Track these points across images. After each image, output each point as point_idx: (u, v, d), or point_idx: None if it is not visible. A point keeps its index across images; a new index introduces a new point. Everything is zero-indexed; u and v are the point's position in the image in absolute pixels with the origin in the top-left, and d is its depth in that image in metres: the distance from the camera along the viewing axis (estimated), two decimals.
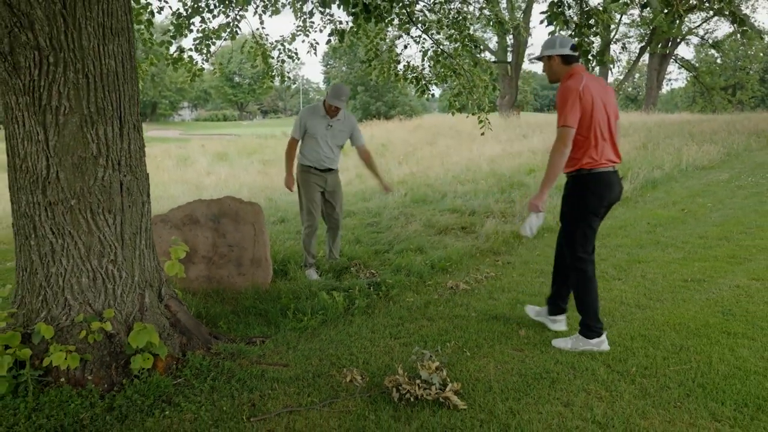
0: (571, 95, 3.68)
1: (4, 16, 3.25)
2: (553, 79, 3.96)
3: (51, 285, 3.57)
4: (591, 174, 3.79)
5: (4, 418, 3.15)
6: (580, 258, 3.93)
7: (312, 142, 5.73)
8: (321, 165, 5.78)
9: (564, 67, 3.89)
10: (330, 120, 5.73)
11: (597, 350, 3.89)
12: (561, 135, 3.70)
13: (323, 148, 5.74)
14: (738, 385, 3.36)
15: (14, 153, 3.50)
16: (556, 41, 3.90)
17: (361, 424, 3.07)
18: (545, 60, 3.96)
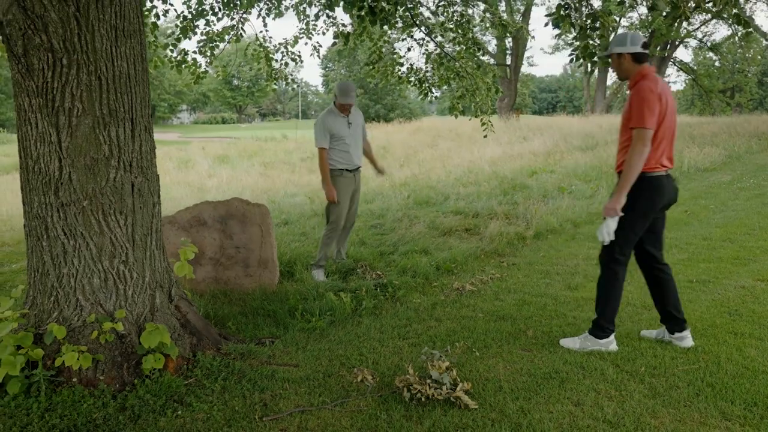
0: (651, 96, 3.62)
1: (18, 19, 3.27)
2: (621, 76, 3.89)
3: (63, 286, 3.59)
4: (645, 177, 3.72)
5: (18, 418, 3.17)
6: (617, 259, 3.88)
7: (340, 145, 5.74)
8: (353, 165, 5.83)
9: (634, 65, 3.80)
10: (348, 118, 5.77)
11: (605, 350, 3.89)
12: (641, 136, 3.62)
13: (352, 147, 5.78)
14: (747, 384, 3.38)
15: (27, 154, 3.52)
16: (627, 38, 3.81)
17: (373, 423, 3.09)
18: (614, 57, 3.87)
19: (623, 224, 3.78)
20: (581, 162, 12.87)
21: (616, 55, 3.84)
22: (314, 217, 8.38)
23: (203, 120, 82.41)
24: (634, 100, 3.67)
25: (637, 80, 3.75)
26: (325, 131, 5.70)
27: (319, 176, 5.96)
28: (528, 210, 8.23)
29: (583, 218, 8.17)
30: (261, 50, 8.72)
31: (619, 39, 3.84)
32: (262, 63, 8.81)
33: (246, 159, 19.41)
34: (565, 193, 9.49)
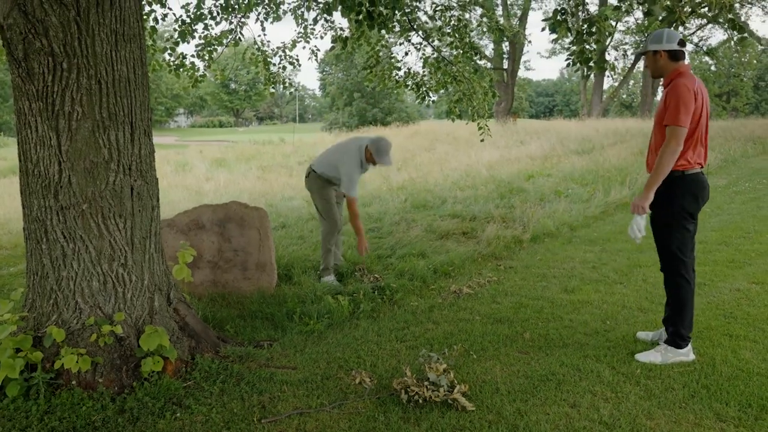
0: (688, 95, 3.58)
1: (19, 23, 3.29)
2: (656, 74, 3.83)
3: (62, 289, 3.60)
4: (684, 176, 3.68)
5: (17, 421, 3.18)
6: (683, 262, 3.79)
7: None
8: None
9: (671, 63, 3.74)
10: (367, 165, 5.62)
11: (686, 360, 3.79)
12: (675, 134, 3.58)
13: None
14: (741, 386, 3.41)
15: (26, 158, 3.54)
16: (663, 35, 3.76)
17: (371, 425, 3.11)
18: (650, 54, 3.80)
19: (674, 228, 3.75)
20: (578, 166, 12.91)
21: (651, 53, 3.78)
22: (311, 220, 8.40)
23: (200, 123, 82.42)
24: (670, 98, 3.63)
25: (673, 77, 3.71)
26: (357, 179, 5.54)
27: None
28: (525, 213, 8.25)
29: (580, 222, 8.20)
30: (259, 54, 8.75)
31: (655, 36, 3.78)
32: (260, 67, 8.83)
33: (243, 162, 19.43)
34: (562, 197, 9.52)
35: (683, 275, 3.80)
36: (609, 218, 8.47)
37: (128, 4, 3.56)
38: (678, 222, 3.73)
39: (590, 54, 4.77)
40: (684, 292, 3.80)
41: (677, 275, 3.81)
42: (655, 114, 3.86)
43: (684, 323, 3.80)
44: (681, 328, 3.80)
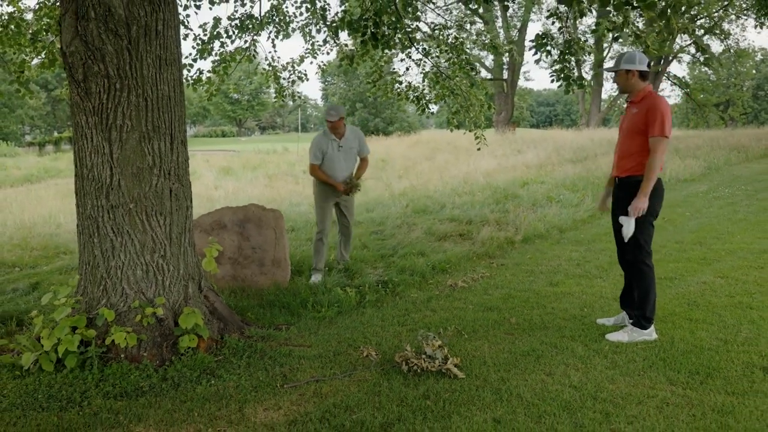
0: (668, 109, 4.08)
1: (80, 50, 3.91)
2: (625, 90, 4.31)
3: (111, 276, 4.20)
4: (658, 181, 4.21)
5: (77, 386, 3.77)
6: (648, 252, 4.34)
7: (328, 163, 6.27)
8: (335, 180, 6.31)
9: (640, 82, 4.23)
10: (339, 141, 6.26)
11: (649, 339, 4.31)
12: (662, 144, 4.07)
13: (337, 169, 6.28)
14: (693, 358, 3.99)
15: (82, 164, 4.14)
16: (636, 57, 4.22)
17: (377, 389, 3.69)
18: (623, 73, 4.24)
19: (645, 224, 4.27)
20: (570, 173, 13.52)
21: (624, 71, 4.24)
22: None
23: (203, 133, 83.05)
24: (654, 112, 4.09)
25: (646, 96, 4.22)
26: (318, 150, 6.25)
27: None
28: (518, 217, 8.85)
29: (569, 225, 8.79)
30: (270, 69, 9.38)
31: (629, 57, 4.23)
32: (270, 81, 9.46)
33: (250, 171, 20.06)
34: (553, 202, 10.12)
35: (647, 263, 4.37)
36: (596, 221, 9.06)
37: (170, 34, 4.18)
38: (648, 219, 4.27)
39: (569, 72, 5.38)
40: (649, 278, 4.37)
41: (642, 263, 4.37)
42: (627, 124, 4.33)
43: (649, 307, 4.35)
44: (646, 312, 4.34)
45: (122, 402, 3.60)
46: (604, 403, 3.44)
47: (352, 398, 3.58)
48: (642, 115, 4.19)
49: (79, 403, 3.59)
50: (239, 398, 3.62)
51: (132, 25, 3.95)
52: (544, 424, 3.23)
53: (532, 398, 3.52)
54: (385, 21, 7.18)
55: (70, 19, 3.93)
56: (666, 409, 3.36)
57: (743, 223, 8.61)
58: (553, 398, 3.51)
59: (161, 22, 4.09)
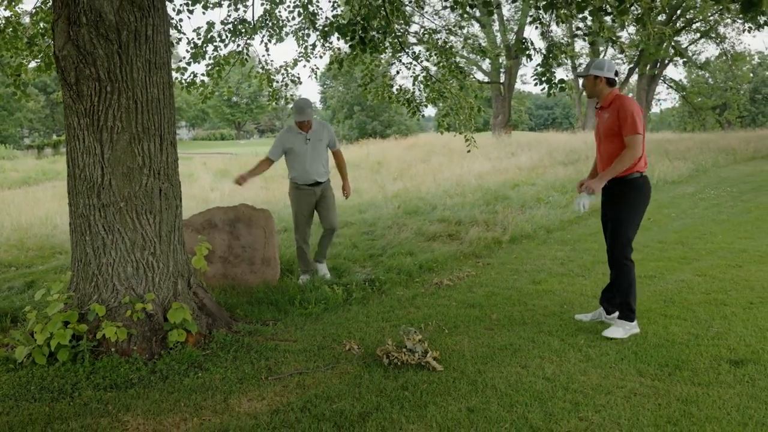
0: (639, 109, 4.30)
1: (72, 54, 4.06)
2: (592, 95, 4.51)
3: (102, 273, 4.34)
4: (643, 177, 4.43)
5: (68, 379, 3.91)
6: (631, 248, 4.55)
7: (296, 159, 6.11)
8: (308, 180, 6.13)
9: (608, 88, 4.44)
10: (306, 134, 6.09)
11: (636, 332, 4.49)
12: (636, 141, 4.25)
13: (307, 163, 6.07)
14: (664, 352, 4.13)
15: (74, 164, 4.29)
16: (605, 65, 4.46)
17: (358, 381, 3.83)
18: (591, 78, 4.46)
19: (629, 222, 4.45)
20: (561, 175, 13.69)
21: (593, 77, 4.46)
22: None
23: (202, 136, 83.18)
24: (624, 113, 4.30)
25: (614, 99, 4.42)
26: (278, 144, 6.19)
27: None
28: (506, 218, 9.00)
29: (556, 225, 8.94)
30: (263, 72, 9.54)
31: (598, 64, 4.47)
32: (264, 84, 9.62)
33: None
34: (542, 203, 10.28)
35: (630, 258, 4.57)
36: (583, 222, 9.20)
37: (159, 38, 4.33)
38: (637, 216, 4.47)
39: (550, 75, 5.54)
40: (632, 272, 4.56)
41: (627, 258, 4.55)
42: (603, 129, 4.51)
43: (632, 298, 4.53)
44: (633, 305, 4.52)
45: (112, 393, 3.73)
46: (574, 393, 3.58)
47: (333, 389, 3.72)
48: (614, 118, 4.37)
49: (70, 394, 3.72)
50: (224, 389, 3.76)
51: (122, 30, 4.10)
52: (515, 412, 3.37)
53: (506, 389, 3.66)
54: (375, 26, 7.34)
55: (63, 24, 4.08)
56: (633, 398, 3.50)
57: (726, 223, 8.77)
58: (526, 389, 3.65)
59: (151, 27, 4.24)
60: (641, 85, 38.71)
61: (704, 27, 37.28)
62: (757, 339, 4.32)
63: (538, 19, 5.79)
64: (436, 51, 8.33)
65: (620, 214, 4.48)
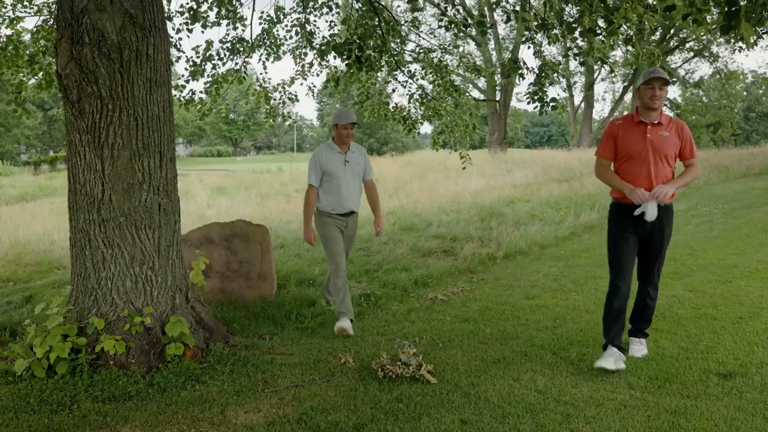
0: None
1: (74, 72, 4.16)
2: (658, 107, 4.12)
3: (101, 287, 4.40)
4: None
5: (67, 391, 3.96)
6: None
7: (331, 185, 5.23)
8: (343, 209, 5.30)
9: None
10: (345, 155, 5.32)
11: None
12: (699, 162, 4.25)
13: (343, 188, 5.25)
14: (654, 365, 4.21)
15: (75, 180, 4.37)
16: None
17: (353, 394, 3.89)
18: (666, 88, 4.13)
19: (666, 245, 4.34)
20: (555, 192, 13.83)
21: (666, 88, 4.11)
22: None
23: (199, 153, 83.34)
24: (689, 134, 4.20)
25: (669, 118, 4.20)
26: (317, 166, 5.25)
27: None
28: (500, 234, 9.09)
29: (550, 241, 9.04)
30: (261, 90, 9.66)
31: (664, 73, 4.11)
32: (261, 102, 9.74)
33: (243, 190, 20.30)
34: (537, 220, 10.38)
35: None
36: (577, 238, 9.31)
37: (160, 57, 4.43)
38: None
39: (543, 94, 5.66)
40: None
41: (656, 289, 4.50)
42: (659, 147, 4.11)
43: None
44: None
45: (110, 405, 3.78)
46: (565, 405, 3.65)
47: (328, 402, 3.78)
48: (675, 138, 4.17)
49: (69, 406, 3.77)
50: (222, 402, 3.82)
51: (124, 50, 4.20)
52: (507, 424, 3.44)
53: (498, 401, 3.72)
54: (371, 45, 7.47)
55: (66, 43, 4.18)
56: (623, 410, 3.57)
57: (718, 240, 8.89)
58: (519, 401, 3.72)
59: (152, 47, 4.34)
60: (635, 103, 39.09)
61: (697, 46, 37.81)
62: (746, 353, 4.40)
63: (532, 39, 5.92)
64: (431, 69, 8.47)
65: (668, 239, 4.36)
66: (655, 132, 4.13)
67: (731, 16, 3.04)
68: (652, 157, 4.11)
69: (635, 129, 4.19)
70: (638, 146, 4.14)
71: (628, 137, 4.19)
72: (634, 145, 4.16)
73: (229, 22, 8.46)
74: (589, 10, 4.44)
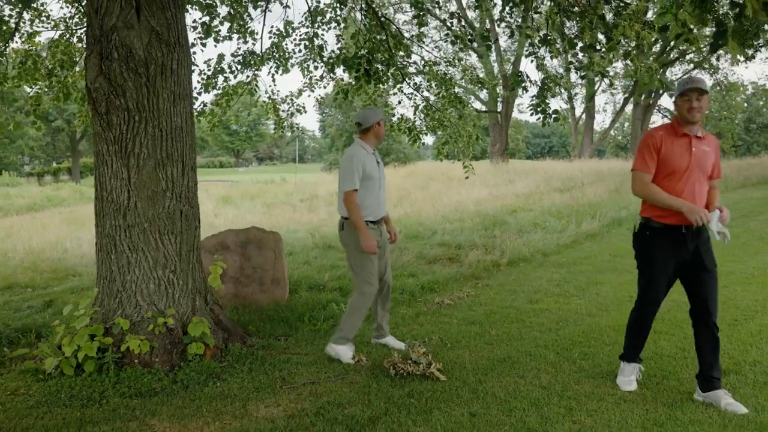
0: None
1: (103, 86, 4.41)
2: (698, 119, 3.77)
3: (126, 290, 4.63)
4: None
5: (95, 388, 4.18)
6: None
7: (367, 189, 4.71)
8: (378, 214, 4.83)
9: None
10: (377, 155, 4.89)
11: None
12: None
13: (380, 191, 4.83)
14: (653, 363, 4.42)
15: (102, 188, 4.61)
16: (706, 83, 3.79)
17: (367, 389, 4.11)
18: (707, 97, 3.75)
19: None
20: (557, 202, 14.07)
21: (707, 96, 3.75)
22: (315, 249, 9.43)
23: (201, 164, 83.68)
24: (717, 151, 3.88)
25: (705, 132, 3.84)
26: (359, 167, 4.64)
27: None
28: (504, 242, 9.32)
29: (552, 249, 9.26)
30: (270, 102, 9.93)
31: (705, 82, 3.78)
32: (270, 113, 10.00)
33: (248, 200, 20.55)
34: (539, 228, 10.61)
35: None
36: (578, 246, 9.53)
37: (183, 72, 4.68)
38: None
39: (546, 106, 5.91)
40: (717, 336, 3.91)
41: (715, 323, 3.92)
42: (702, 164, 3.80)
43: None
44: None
45: (137, 401, 4.00)
46: (569, 400, 3.87)
47: (344, 397, 4.00)
48: (713, 154, 3.87)
49: (98, 401, 4.00)
50: (243, 397, 4.04)
51: (150, 65, 4.45)
52: (514, 416, 3.65)
53: (505, 396, 3.94)
54: (378, 58, 7.73)
55: (95, 59, 4.43)
56: (623, 404, 3.79)
57: (716, 247, 9.02)
58: (524, 396, 3.93)
59: (176, 62, 4.60)
60: (636, 114, 39.33)
61: (697, 58, 38.14)
62: (740, 352, 4.62)
63: (534, 53, 6.17)
64: (436, 82, 8.73)
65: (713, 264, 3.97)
66: (700, 146, 3.79)
67: (719, 35, 3.28)
68: (697, 175, 3.77)
69: (679, 142, 3.79)
70: (683, 161, 3.75)
71: (673, 150, 3.78)
72: (678, 159, 3.76)
73: (240, 36, 8.73)
74: (590, 27, 4.71)
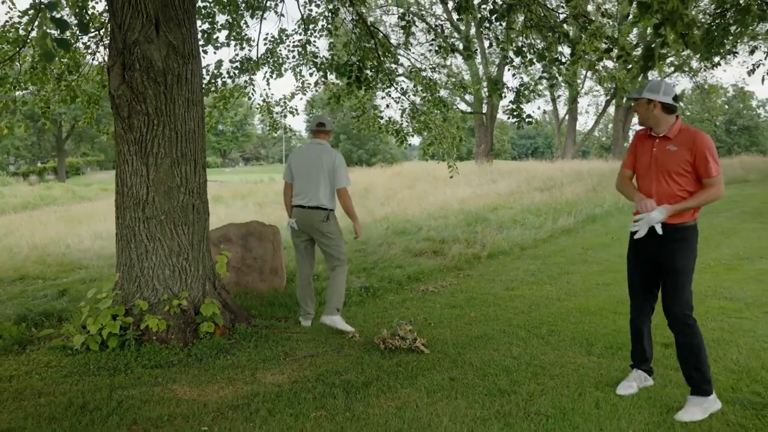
0: (712, 143, 3.69)
1: (126, 93, 4.96)
2: (646, 123, 3.82)
3: (144, 275, 5.18)
4: (695, 226, 3.82)
5: (120, 360, 4.73)
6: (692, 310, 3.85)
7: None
8: None
9: (665, 115, 3.75)
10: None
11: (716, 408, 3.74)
12: (720, 182, 3.69)
13: None
14: (610, 338, 5.05)
15: (123, 183, 5.16)
16: (661, 87, 3.73)
17: (360, 360, 4.69)
18: (644, 102, 3.76)
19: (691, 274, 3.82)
20: (536, 200, 14.75)
21: (646, 101, 3.76)
22: None
23: None
24: (706, 151, 3.64)
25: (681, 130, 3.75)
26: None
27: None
28: (485, 237, 9.94)
29: (530, 243, 9.91)
30: (264, 104, 10.49)
31: (652, 86, 3.77)
32: (264, 115, 10.57)
33: (239, 199, 21.04)
34: (518, 225, 11.26)
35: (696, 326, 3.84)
36: (554, 240, 10.19)
37: (196, 80, 5.25)
38: (692, 272, 3.85)
39: (521, 111, 6.53)
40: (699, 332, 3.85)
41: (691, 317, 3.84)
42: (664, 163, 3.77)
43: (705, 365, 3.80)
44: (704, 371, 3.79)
45: (158, 370, 4.56)
46: (535, 367, 4.48)
47: (340, 366, 4.58)
48: (685, 153, 3.71)
49: (124, 371, 4.55)
50: (251, 367, 4.61)
51: (168, 74, 5.02)
52: (488, 380, 4.25)
53: (480, 365, 4.55)
54: (368, 65, 8.33)
55: (118, 69, 4.99)
56: (581, 370, 4.40)
57: None
58: (497, 364, 4.54)
59: (190, 72, 5.16)
60: (618, 116, 40.09)
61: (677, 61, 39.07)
62: None
63: (511, 62, 6.78)
64: (421, 86, 9.34)
65: (686, 265, 3.79)
66: (662, 146, 3.79)
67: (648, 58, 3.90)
68: (655, 174, 3.80)
69: (647, 143, 3.91)
70: (645, 160, 3.89)
71: (642, 150, 3.93)
72: (641, 158, 3.92)
73: (237, 43, 9.29)
74: (556, 42, 5.32)
